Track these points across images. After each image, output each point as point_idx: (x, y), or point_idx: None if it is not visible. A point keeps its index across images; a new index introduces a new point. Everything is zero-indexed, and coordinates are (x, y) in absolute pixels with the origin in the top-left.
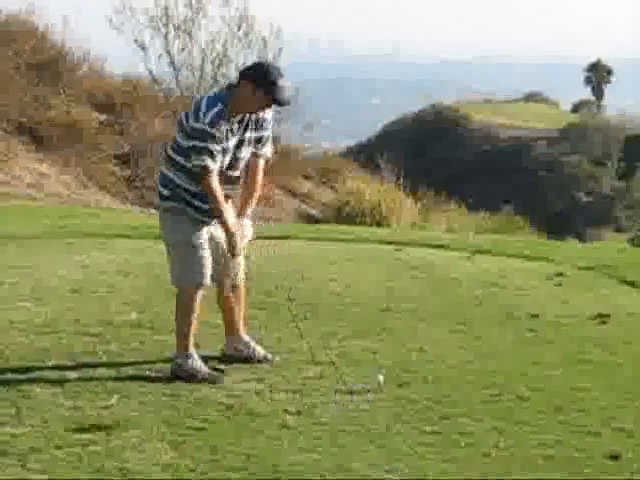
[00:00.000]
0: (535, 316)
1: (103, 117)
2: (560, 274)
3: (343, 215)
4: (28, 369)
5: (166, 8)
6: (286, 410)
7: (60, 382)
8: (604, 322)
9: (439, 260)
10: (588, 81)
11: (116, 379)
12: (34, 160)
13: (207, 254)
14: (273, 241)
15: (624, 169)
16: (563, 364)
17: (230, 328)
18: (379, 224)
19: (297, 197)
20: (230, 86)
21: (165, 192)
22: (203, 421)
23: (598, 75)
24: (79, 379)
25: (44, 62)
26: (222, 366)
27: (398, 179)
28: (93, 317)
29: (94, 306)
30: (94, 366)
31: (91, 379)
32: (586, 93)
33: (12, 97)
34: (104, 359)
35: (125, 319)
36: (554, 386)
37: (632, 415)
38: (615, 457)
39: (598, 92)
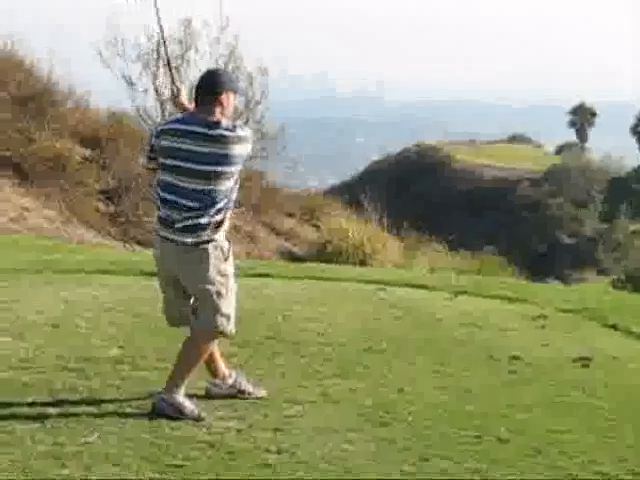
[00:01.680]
0: (516, 358)
1: (88, 152)
2: (542, 316)
3: (326, 253)
4: (8, 404)
5: (158, 44)
6: (267, 449)
7: (40, 418)
8: (585, 365)
9: (421, 300)
10: (572, 123)
11: (96, 415)
12: (17, 194)
13: None
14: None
15: (607, 211)
16: (542, 406)
17: (213, 369)
18: (362, 263)
19: (280, 235)
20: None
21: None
22: (183, 459)
23: (582, 117)
24: (59, 415)
25: (29, 96)
26: (203, 404)
27: (381, 219)
28: (74, 352)
29: (75, 341)
30: (74, 402)
31: (71, 415)
32: (570, 135)
33: None
34: (84, 395)
35: (106, 355)
36: (533, 428)
37: (611, 458)
38: None
39: (582, 134)
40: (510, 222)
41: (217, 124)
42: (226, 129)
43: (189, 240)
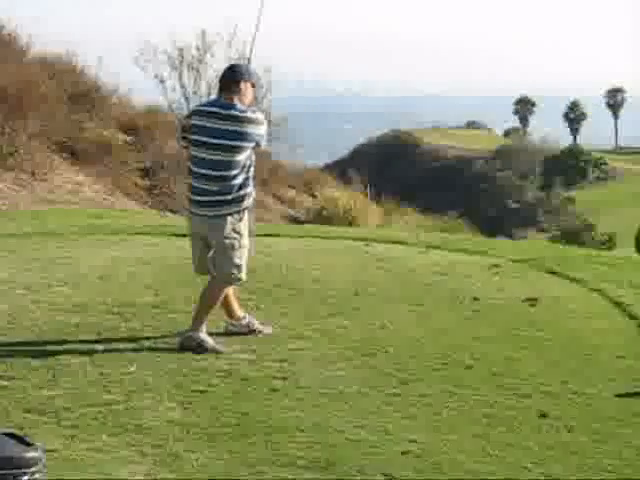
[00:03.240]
0: (476, 299)
1: (128, 137)
2: (496, 265)
3: (321, 217)
4: (64, 342)
5: (181, 49)
6: (274, 376)
7: (89, 353)
8: (533, 305)
9: (399, 253)
10: (516, 112)
11: (135, 350)
12: (72, 172)
13: None
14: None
15: (544, 182)
16: (500, 339)
17: (230, 311)
18: (350, 224)
19: (284, 203)
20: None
21: (233, 196)
22: (206, 385)
23: (524, 107)
24: (105, 351)
25: (81, 93)
26: (222, 339)
27: (365, 189)
28: (117, 299)
29: (118, 290)
30: (117, 340)
31: (114, 350)
32: (515, 121)
33: (56, 121)
34: (126, 334)
35: (144, 301)
36: (493, 357)
37: (557, 380)
38: (544, 416)
39: (524, 121)
40: (468, 192)
41: (231, 106)
42: (238, 110)
43: (212, 214)
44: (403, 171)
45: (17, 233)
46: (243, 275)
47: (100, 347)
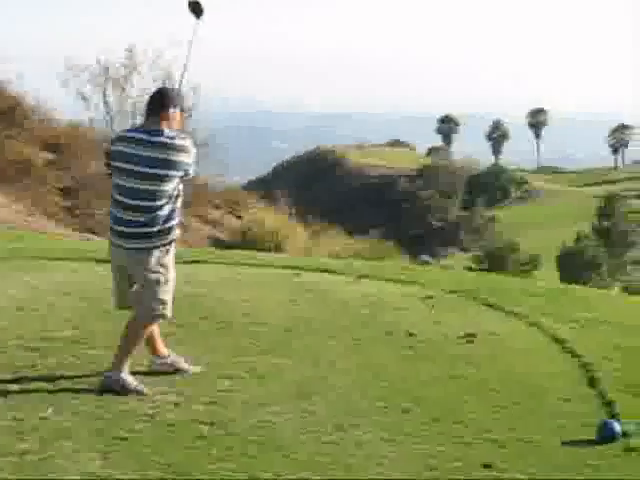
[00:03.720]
0: (412, 334)
1: (50, 156)
2: (430, 297)
3: (247, 239)
4: None
5: (106, 68)
6: (201, 421)
7: (2, 394)
8: (470, 341)
9: (330, 283)
10: (439, 131)
11: (52, 391)
12: None
13: None
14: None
15: (467, 201)
16: (438, 379)
17: (154, 348)
18: (277, 247)
19: (208, 224)
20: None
21: (158, 228)
22: (129, 431)
23: (447, 127)
24: (20, 391)
25: (1, 111)
26: (145, 379)
27: (290, 209)
28: (34, 333)
29: (36, 323)
30: (33, 379)
31: (30, 391)
32: (437, 140)
33: None
34: (42, 372)
35: (62, 335)
36: (432, 399)
37: (502, 426)
38: (488, 466)
39: (447, 140)
40: (391, 210)
41: (158, 132)
42: (166, 137)
43: (137, 247)
44: (327, 189)
45: None
46: (168, 312)
47: (14, 387)
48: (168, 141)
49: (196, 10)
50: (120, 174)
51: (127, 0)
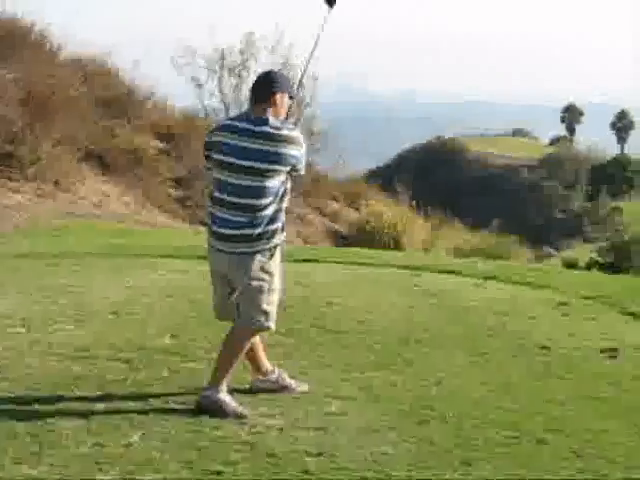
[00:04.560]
0: (546, 347)
1: (163, 145)
2: (564, 303)
3: (365, 232)
4: (58, 399)
5: (222, 52)
6: (307, 451)
7: (85, 415)
8: (613, 356)
9: (452, 286)
10: (563, 120)
11: (141, 412)
12: (99, 182)
13: None
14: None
15: (591, 192)
16: (577, 401)
17: (257, 365)
18: (395, 241)
19: (326, 216)
20: (259, 106)
21: (262, 230)
22: (224, 463)
23: (571, 116)
24: (105, 412)
25: (114, 98)
26: (246, 399)
27: (411, 201)
28: (128, 341)
29: (130, 329)
30: (122, 397)
31: (116, 412)
32: (561, 129)
33: (84, 127)
34: (132, 388)
35: (158, 344)
36: (570, 426)
37: None
38: None
39: (570, 130)
40: (514, 200)
41: (263, 121)
42: (272, 127)
43: (237, 250)
44: (449, 179)
45: (29, 253)
46: (272, 324)
47: (100, 406)
48: (273, 131)
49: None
50: (220, 168)
51: None
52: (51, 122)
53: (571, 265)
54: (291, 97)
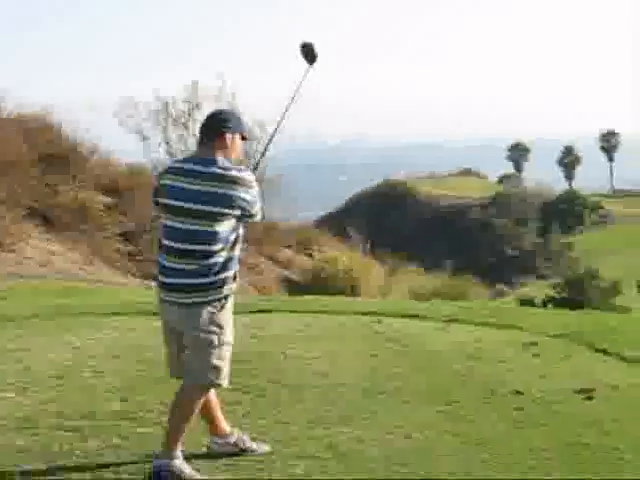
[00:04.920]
0: (519, 393)
1: (108, 200)
2: (533, 343)
3: (320, 279)
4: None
5: (166, 104)
6: None
7: None
8: (590, 397)
9: (416, 331)
10: (510, 158)
11: None
12: (44, 240)
13: None
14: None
15: (542, 227)
16: (561, 453)
17: (214, 426)
18: (352, 287)
19: (279, 264)
20: (208, 146)
21: (212, 279)
22: None
23: (518, 153)
24: None
25: (58, 155)
26: (204, 463)
27: (364, 246)
28: (75, 407)
29: (78, 394)
30: (69, 468)
31: None
32: (508, 167)
33: (27, 185)
34: (81, 460)
35: (107, 409)
36: (553, 477)
37: None
38: None
39: (518, 167)
40: (465, 240)
41: (211, 162)
42: (220, 167)
43: (186, 301)
44: (399, 222)
45: None
46: (224, 381)
47: None
48: (222, 172)
49: (309, 54)
50: (168, 213)
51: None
52: None
53: (526, 302)
54: (243, 137)
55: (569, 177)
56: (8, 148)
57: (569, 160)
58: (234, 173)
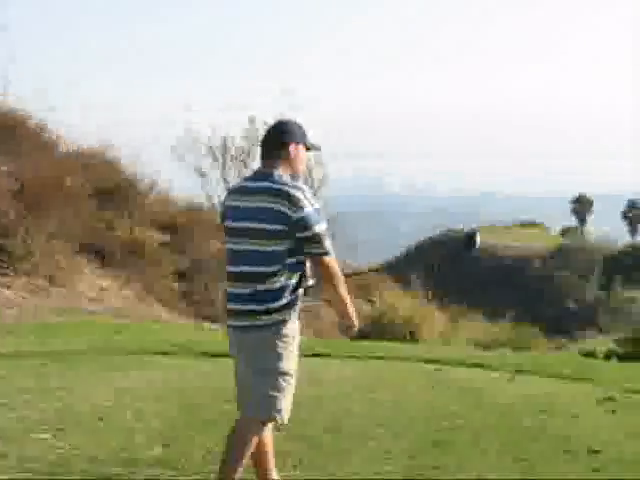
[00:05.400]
0: (596, 452)
1: (165, 237)
2: (610, 398)
3: (380, 326)
4: None
5: (224, 139)
6: None
7: None
8: None
9: (481, 382)
10: (574, 211)
11: None
12: (97, 276)
13: None
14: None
15: (604, 281)
16: None
17: (262, 471)
18: (412, 334)
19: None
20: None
21: (269, 305)
22: None
23: (581, 206)
24: None
25: (114, 189)
26: None
27: (426, 294)
28: (112, 452)
29: (116, 439)
30: None
31: None
32: (571, 220)
33: (81, 220)
34: None
35: (147, 456)
36: None
37: None
38: None
39: (581, 220)
40: (526, 291)
41: (268, 175)
42: (274, 182)
43: (243, 325)
44: (461, 271)
45: (15, 352)
46: (284, 416)
47: None
48: (275, 186)
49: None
50: (228, 235)
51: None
52: (45, 214)
53: (589, 356)
54: (308, 148)
55: (633, 231)
56: (63, 181)
57: (633, 214)
58: (287, 188)
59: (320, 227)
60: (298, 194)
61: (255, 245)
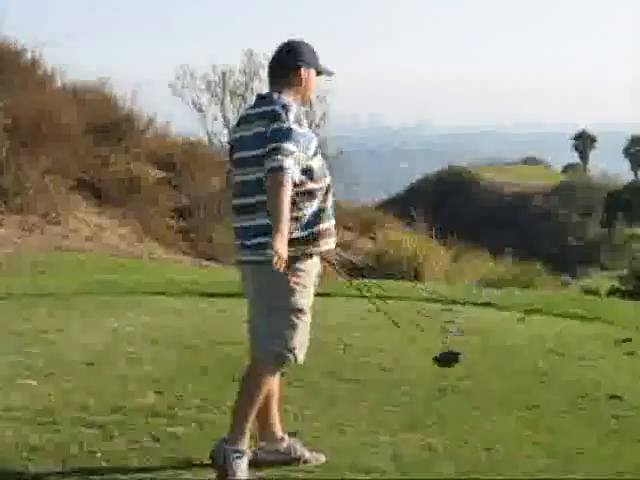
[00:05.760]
0: (615, 397)
1: (163, 174)
2: (627, 340)
3: (383, 263)
4: (4, 478)
5: (223, 74)
6: None
7: None
8: None
9: (490, 323)
10: (575, 147)
11: None
12: (93, 214)
13: None
14: None
15: (606, 219)
16: None
17: (266, 426)
18: (415, 271)
19: (338, 245)
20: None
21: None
22: None
23: (583, 142)
24: None
25: (111, 125)
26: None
27: (430, 230)
28: (103, 400)
29: (107, 385)
30: (88, 473)
31: None
32: (573, 157)
33: (76, 156)
34: (103, 463)
35: (139, 404)
36: None
37: None
38: None
39: (584, 156)
40: (528, 229)
41: (266, 98)
42: (268, 104)
43: (250, 259)
44: (461, 209)
45: (4, 294)
46: (299, 355)
47: None
48: (266, 108)
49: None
50: (235, 167)
51: None
52: (39, 150)
53: (591, 293)
54: (319, 73)
55: (635, 168)
56: (59, 117)
57: (635, 150)
58: (274, 106)
59: (285, 144)
60: (281, 111)
61: (252, 174)
